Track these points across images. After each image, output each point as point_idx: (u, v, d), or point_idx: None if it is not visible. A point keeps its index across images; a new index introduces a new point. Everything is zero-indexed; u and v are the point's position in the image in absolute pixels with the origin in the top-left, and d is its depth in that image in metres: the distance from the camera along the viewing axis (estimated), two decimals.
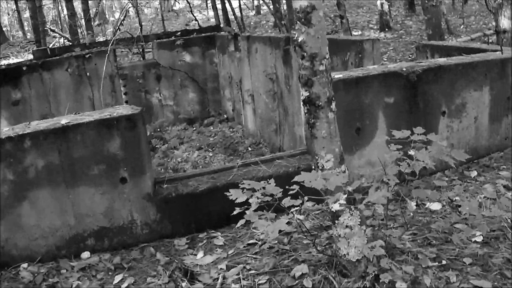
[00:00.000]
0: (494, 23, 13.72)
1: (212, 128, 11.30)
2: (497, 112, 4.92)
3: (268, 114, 9.65)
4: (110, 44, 10.96)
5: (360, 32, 15.84)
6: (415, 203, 3.96)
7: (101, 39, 13.78)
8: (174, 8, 29.18)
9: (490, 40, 12.08)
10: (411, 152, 3.63)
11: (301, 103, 2.88)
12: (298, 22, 2.76)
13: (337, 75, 4.06)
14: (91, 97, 11.26)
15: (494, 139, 4.97)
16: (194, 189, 3.92)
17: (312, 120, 2.85)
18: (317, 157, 2.93)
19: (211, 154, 9.64)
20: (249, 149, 9.59)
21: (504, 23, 7.68)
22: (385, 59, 11.27)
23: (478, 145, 4.87)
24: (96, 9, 16.37)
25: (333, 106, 2.87)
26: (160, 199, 3.92)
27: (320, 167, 2.91)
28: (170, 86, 11.71)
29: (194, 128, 11.49)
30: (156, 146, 10.16)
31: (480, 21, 16.19)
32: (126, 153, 3.78)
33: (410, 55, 11.44)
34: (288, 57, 8.49)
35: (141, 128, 3.80)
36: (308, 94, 2.82)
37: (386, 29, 15.77)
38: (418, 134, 3.59)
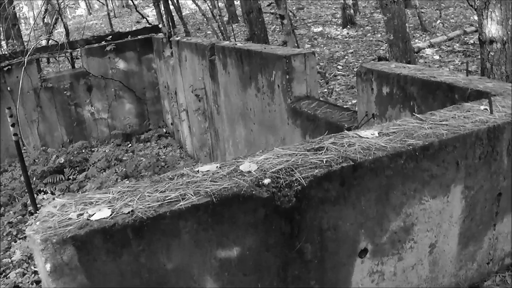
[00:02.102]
0: (476, 17, 11.43)
1: (149, 144, 9.19)
2: (475, 225, 2.43)
3: (202, 135, 7.51)
4: (26, 55, 8.81)
5: (320, 29, 13.17)
6: None
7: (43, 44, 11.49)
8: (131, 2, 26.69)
9: (471, 41, 9.79)
10: None
11: None
12: None
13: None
14: (15, 114, 9.17)
15: (467, 269, 2.54)
16: None
17: None
18: None
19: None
20: None
21: (492, 29, 5.01)
22: (341, 67, 9.01)
23: None
24: (46, 8, 14.02)
25: None
26: None
27: None
28: (103, 97, 9.56)
29: (130, 145, 9.37)
30: (70, 178, 8.03)
31: (460, 14, 13.39)
32: None
33: (373, 61, 9.13)
34: (214, 70, 6.33)
35: None
36: None
37: (349, 25, 12.61)
38: None
